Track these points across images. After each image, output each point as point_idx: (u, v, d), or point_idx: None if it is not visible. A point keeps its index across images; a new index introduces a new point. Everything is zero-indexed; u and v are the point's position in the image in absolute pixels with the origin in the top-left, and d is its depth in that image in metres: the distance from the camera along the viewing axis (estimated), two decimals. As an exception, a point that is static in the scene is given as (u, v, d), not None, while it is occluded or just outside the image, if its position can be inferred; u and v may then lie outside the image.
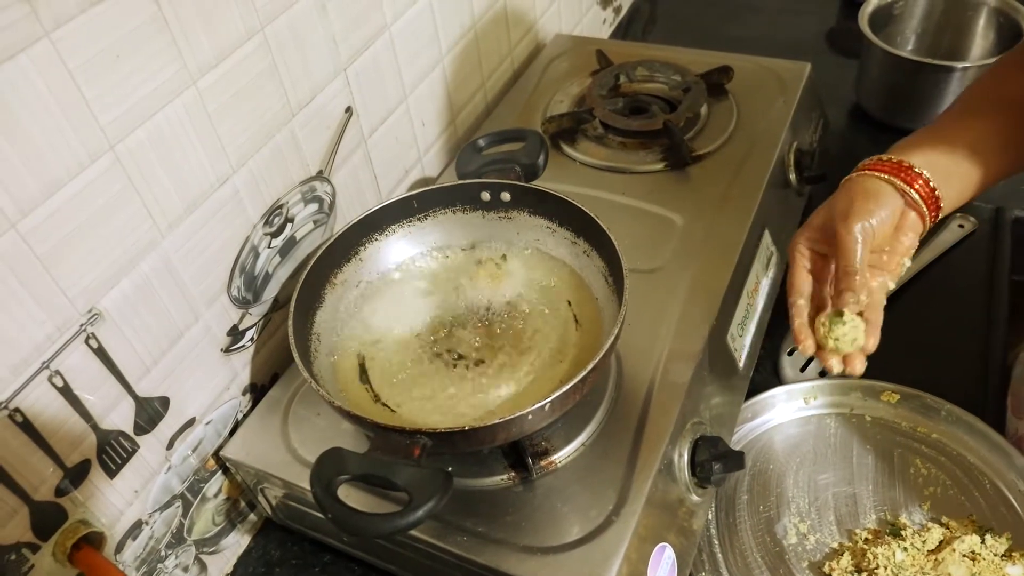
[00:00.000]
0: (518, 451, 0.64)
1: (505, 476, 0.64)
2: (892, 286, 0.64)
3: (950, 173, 0.62)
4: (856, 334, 0.60)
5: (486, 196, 0.75)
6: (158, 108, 0.59)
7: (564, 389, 0.57)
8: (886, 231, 0.61)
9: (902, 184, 0.60)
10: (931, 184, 0.61)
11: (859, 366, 0.61)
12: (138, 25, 0.56)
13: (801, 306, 0.63)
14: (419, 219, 0.76)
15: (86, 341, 0.57)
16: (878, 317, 0.62)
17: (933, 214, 0.62)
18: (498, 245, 0.77)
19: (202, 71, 0.61)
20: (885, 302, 0.63)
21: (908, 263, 0.64)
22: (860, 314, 0.61)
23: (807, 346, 0.62)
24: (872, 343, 0.61)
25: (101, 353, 0.59)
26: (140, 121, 0.57)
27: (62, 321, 0.55)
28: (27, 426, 0.54)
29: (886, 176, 0.61)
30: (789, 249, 0.65)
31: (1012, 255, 0.94)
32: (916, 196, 0.61)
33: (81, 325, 0.57)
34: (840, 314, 0.60)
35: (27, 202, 0.51)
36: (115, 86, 0.55)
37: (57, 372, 0.56)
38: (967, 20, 1.14)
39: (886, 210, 0.61)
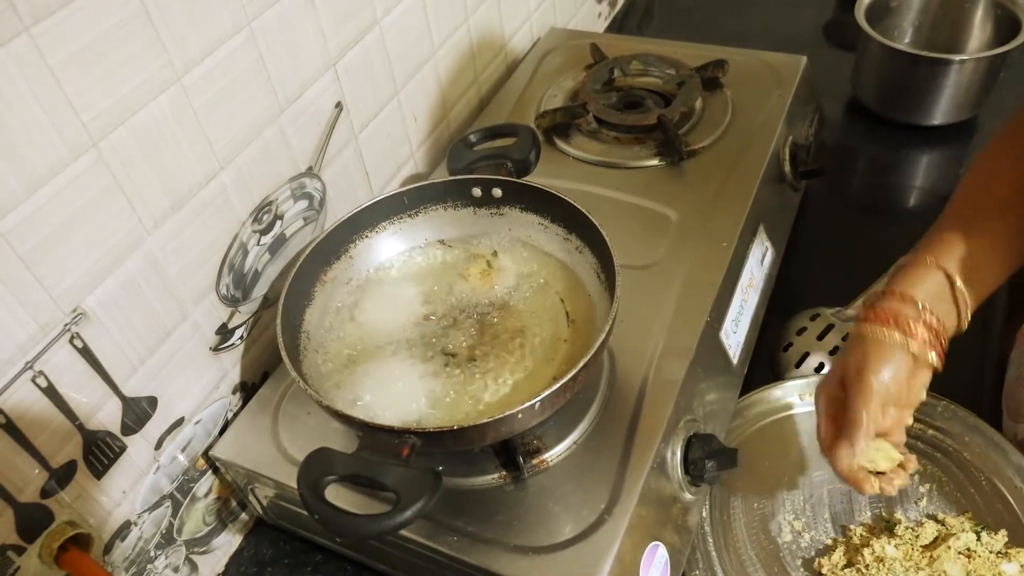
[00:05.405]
0: (509, 450, 0.63)
1: (496, 475, 0.64)
2: (910, 421, 0.65)
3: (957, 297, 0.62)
4: (888, 454, 0.63)
5: (477, 192, 0.75)
6: (142, 104, 0.58)
7: (555, 387, 0.56)
8: (900, 383, 0.62)
9: (903, 338, 0.61)
10: (934, 325, 0.61)
11: (897, 482, 0.63)
12: (121, 20, 0.55)
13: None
14: (410, 216, 0.76)
15: (71, 341, 0.57)
16: (902, 450, 0.65)
17: (938, 350, 0.62)
18: (489, 242, 0.76)
19: (187, 67, 0.61)
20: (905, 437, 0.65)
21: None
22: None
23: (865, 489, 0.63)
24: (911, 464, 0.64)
25: (86, 353, 0.58)
26: (124, 118, 0.57)
27: (45, 321, 0.55)
28: (10, 427, 0.54)
29: (887, 329, 0.61)
30: (814, 400, 0.67)
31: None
32: (916, 349, 0.61)
33: (65, 325, 0.56)
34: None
35: (8, 200, 0.50)
36: (97, 82, 0.54)
37: (41, 372, 0.55)
38: (964, 12, 1.13)
39: (895, 364, 0.61)
